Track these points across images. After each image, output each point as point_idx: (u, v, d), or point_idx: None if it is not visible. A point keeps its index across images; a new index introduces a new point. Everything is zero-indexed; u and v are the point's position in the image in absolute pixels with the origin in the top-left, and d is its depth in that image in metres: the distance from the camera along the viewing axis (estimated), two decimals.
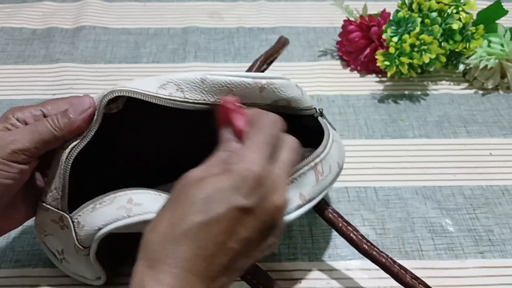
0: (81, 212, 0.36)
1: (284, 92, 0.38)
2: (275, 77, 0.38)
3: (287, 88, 0.38)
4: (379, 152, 0.54)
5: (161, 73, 0.62)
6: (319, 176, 0.38)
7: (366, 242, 0.39)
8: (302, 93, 0.40)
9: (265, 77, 0.37)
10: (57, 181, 0.36)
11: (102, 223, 0.35)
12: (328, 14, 0.73)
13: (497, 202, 0.49)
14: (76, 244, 0.36)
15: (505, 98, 0.60)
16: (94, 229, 0.35)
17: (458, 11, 0.59)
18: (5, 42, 0.67)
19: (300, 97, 0.39)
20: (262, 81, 0.37)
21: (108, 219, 0.35)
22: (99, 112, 0.36)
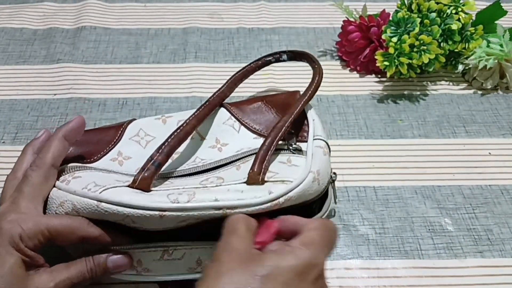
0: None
1: (301, 196, 0.38)
2: (293, 187, 0.37)
3: (304, 192, 0.38)
4: (379, 152, 0.54)
5: (161, 73, 0.63)
6: None
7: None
8: (319, 183, 0.39)
9: (283, 194, 0.37)
10: None
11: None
12: (327, 15, 0.73)
13: (496, 201, 0.49)
14: None
15: (504, 98, 0.60)
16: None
17: (457, 11, 0.59)
18: (6, 43, 0.67)
19: (317, 190, 0.39)
20: (280, 200, 0.37)
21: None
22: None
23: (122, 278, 0.39)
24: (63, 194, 0.37)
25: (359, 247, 0.45)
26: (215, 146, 0.44)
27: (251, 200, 0.36)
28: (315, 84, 0.47)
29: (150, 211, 0.35)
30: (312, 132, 0.44)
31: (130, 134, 0.45)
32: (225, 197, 0.36)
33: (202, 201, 0.36)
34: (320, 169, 0.40)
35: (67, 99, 0.59)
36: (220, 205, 0.36)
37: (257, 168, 0.39)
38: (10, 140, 0.54)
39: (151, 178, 0.38)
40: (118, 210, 0.35)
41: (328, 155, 0.42)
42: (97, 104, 0.58)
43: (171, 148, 0.40)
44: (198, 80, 0.62)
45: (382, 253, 0.45)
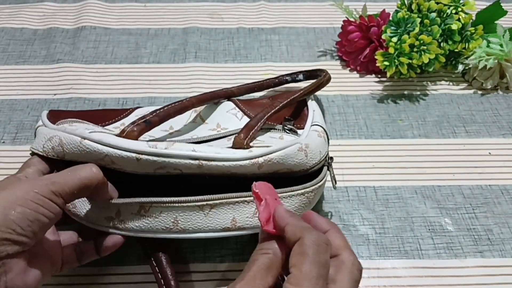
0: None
1: (284, 163, 0.38)
2: (275, 150, 0.37)
3: (287, 158, 0.38)
4: (379, 152, 0.54)
5: (161, 73, 0.63)
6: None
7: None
8: (306, 155, 0.39)
9: (263, 154, 0.37)
10: None
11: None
12: (327, 15, 0.73)
13: (496, 201, 0.49)
14: None
15: (504, 98, 0.60)
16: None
17: (457, 11, 0.59)
18: (6, 43, 0.67)
19: (303, 161, 0.39)
20: (260, 159, 0.37)
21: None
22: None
23: (100, 229, 0.38)
24: (54, 132, 0.39)
25: (359, 247, 0.45)
26: (214, 129, 0.46)
27: (228, 154, 0.36)
28: (319, 80, 0.50)
29: (127, 152, 0.36)
30: (311, 119, 0.45)
31: (138, 113, 0.47)
32: (203, 149, 0.36)
33: (179, 150, 0.36)
34: (310, 144, 0.40)
35: (67, 99, 0.59)
36: (196, 156, 0.36)
37: (244, 133, 0.39)
38: (10, 140, 0.54)
39: (139, 133, 0.39)
40: (98, 148, 0.36)
41: (324, 139, 0.43)
42: (97, 104, 0.58)
43: (165, 113, 0.41)
44: (198, 80, 0.62)
45: (382, 253, 0.45)
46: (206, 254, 0.44)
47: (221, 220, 0.37)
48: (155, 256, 0.39)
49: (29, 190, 0.32)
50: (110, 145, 0.36)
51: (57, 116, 0.44)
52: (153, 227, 0.37)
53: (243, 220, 0.38)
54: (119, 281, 0.42)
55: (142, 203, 0.37)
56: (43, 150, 0.39)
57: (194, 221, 0.37)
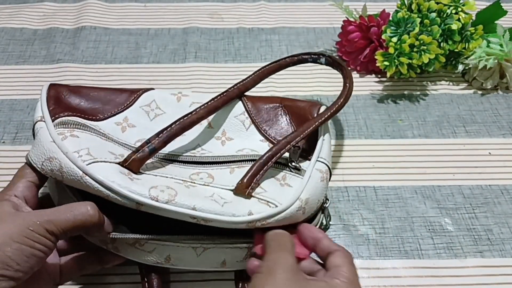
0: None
1: (280, 223, 0.37)
2: (274, 214, 0.36)
3: (284, 220, 0.37)
4: (379, 152, 0.54)
5: (161, 73, 0.63)
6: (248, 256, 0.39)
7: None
8: (304, 212, 0.38)
9: (262, 218, 0.36)
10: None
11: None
12: (327, 15, 0.73)
13: (496, 201, 0.49)
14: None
15: (504, 98, 0.60)
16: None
17: (457, 11, 0.59)
18: (6, 43, 0.67)
19: (298, 218, 0.38)
20: (257, 223, 0.36)
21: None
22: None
23: (93, 241, 0.38)
24: (55, 150, 0.37)
25: (359, 247, 0.45)
26: (219, 138, 0.44)
27: (228, 218, 0.36)
28: (337, 106, 0.44)
29: (127, 200, 0.35)
30: (318, 153, 0.41)
31: (142, 103, 0.45)
32: (204, 207, 0.36)
33: (180, 206, 0.35)
34: (310, 198, 0.38)
35: None
36: (196, 215, 0.35)
37: (247, 180, 0.38)
38: (10, 140, 0.54)
39: (142, 162, 0.38)
40: (98, 189, 0.35)
41: (326, 182, 0.40)
42: None
43: (171, 135, 0.40)
44: (198, 80, 0.62)
45: (382, 253, 0.45)
46: None
47: (212, 261, 0.38)
48: (148, 279, 0.39)
49: (24, 227, 0.32)
50: (111, 189, 0.35)
51: (58, 98, 0.42)
52: (145, 259, 0.38)
53: (232, 262, 0.39)
54: (119, 281, 0.42)
55: (138, 239, 0.37)
56: (41, 168, 0.37)
57: (186, 260, 0.38)
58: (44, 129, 0.39)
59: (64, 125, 0.40)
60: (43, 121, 0.40)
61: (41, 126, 0.39)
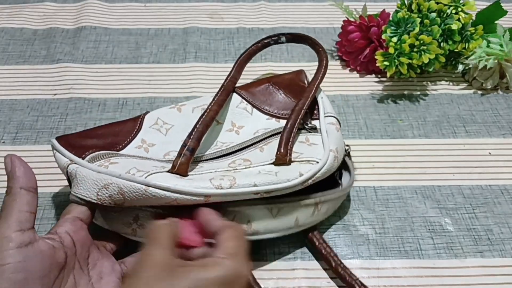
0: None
1: (326, 174, 0.42)
2: (319, 168, 0.41)
3: (328, 171, 0.42)
4: (379, 152, 0.54)
5: (161, 73, 0.63)
6: (316, 211, 0.43)
7: (340, 263, 0.42)
8: (338, 160, 0.43)
9: (312, 176, 0.40)
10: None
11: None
12: (327, 15, 0.73)
13: (496, 201, 0.49)
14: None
15: (504, 98, 0.60)
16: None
17: (457, 11, 0.59)
18: (6, 43, 0.67)
19: (335, 166, 0.43)
20: (309, 181, 0.40)
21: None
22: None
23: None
24: (107, 177, 0.37)
25: (359, 247, 0.45)
26: (232, 130, 0.47)
27: (285, 183, 0.39)
28: (324, 67, 0.50)
29: (196, 197, 0.37)
30: (323, 109, 0.47)
31: (149, 123, 0.46)
32: (262, 181, 0.39)
33: (243, 187, 0.38)
34: (338, 147, 0.44)
35: (67, 99, 0.59)
36: (258, 190, 0.38)
37: (283, 149, 0.42)
38: (10, 140, 0.54)
39: (188, 164, 0.40)
40: (166, 195, 0.36)
41: (340, 131, 0.46)
42: (97, 104, 0.58)
43: (200, 133, 0.42)
44: (198, 80, 0.62)
45: (382, 253, 0.45)
46: None
47: (287, 220, 0.41)
48: None
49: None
50: (178, 192, 0.36)
51: (73, 145, 0.42)
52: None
53: (303, 219, 0.42)
54: None
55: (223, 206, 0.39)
56: (98, 199, 0.37)
57: (264, 222, 0.40)
58: (81, 168, 0.39)
59: (96, 159, 0.40)
60: (74, 163, 0.39)
61: (76, 167, 0.39)
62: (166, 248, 0.32)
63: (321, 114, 0.47)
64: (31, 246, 0.32)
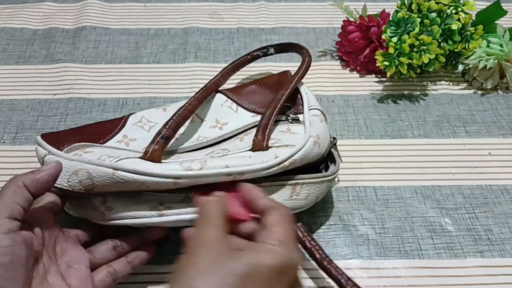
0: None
1: (305, 158, 0.41)
2: (297, 150, 0.40)
3: (307, 154, 0.41)
4: (379, 152, 0.54)
5: (161, 73, 0.63)
6: (294, 195, 0.41)
7: (326, 257, 0.40)
8: (319, 146, 0.42)
9: (288, 157, 0.39)
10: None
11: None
12: (327, 15, 0.73)
13: (496, 201, 0.49)
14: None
15: (504, 98, 0.60)
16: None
17: (457, 11, 0.59)
18: (6, 43, 0.67)
19: (318, 151, 0.42)
20: (286, 163, 0.39)
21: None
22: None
23: (144, 222, 0.39)
24: (77, 164, 0.37)
25: (359, 247, 0.45)
26: (215, 126, 0.46)
27: (259, 165, 0.38)
28: (306, 63, 0.51)
29: (165, 179, 0.36)
30: (307, 103, 0.47)
31: (133, 121, 0.47)
32: (235, 163, 0.38)
33: (214, 168, 0.37)
34: (319, 134, 0.43)
35: (67, 99, 0.59)
36: (231, 171, 0.37)
37: (261, 135, 0.41)
38: (10, 140, 0.54)
39: (161, 150, 0.40)
40: (133, 178, 0.36)
41: (325, 122, 0.45)
42: (97, 104, 0.58)
43: (176, 124, 0.42)
44: (198, 80, 0.62)
45: (382, 253, 0.45)
46: None
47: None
48: None
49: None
50: (146, 174, 0.36)
51: (55, 140, 0.42)
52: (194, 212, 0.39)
53: (280, 201, 0.40)
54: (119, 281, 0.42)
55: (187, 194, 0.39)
56: (69, 185, 0.37)
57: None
58: (56, 157, 0.39)
59: (72, 149, 0.41)
60: (51, 154, 0.40)
61: (51, 157, 0.39)
62: (219, 227, 0.32)
63: (305, 108, 0.46)
64: (18, 233, 0.32)
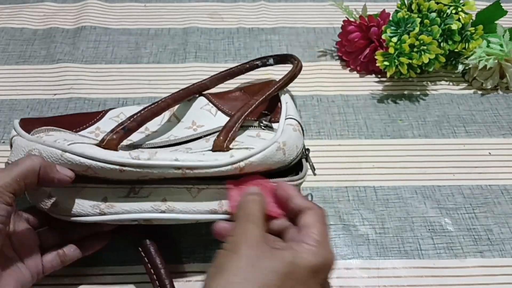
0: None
1: (264, 163, 0.39)
2: (255, 153, 0.38)
3: (267, 159, 0.39)
4: (379, 152, 0.54)
5: (161, 73, 0.63)
6: None
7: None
8: (284, 153, 0.40)
9: (244, 158, 0.38)
10: None
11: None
12: (327, 15, 0.73)
13: (496, 201, 0.49)
14: None
15: (504, 98, 0.60)
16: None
17: (457, 11, 0.59)
18: (6, 43, 0.67)
19: (281, 158, 0.40)
20: (241, 163, 0.38)
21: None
22: None
23: (85, 220, 0.38)
24: (32, 144, 0.38)
25: (359, 247, 0.45)
26: (190, 127, 0.46)
27: (211, 162, 0.37)
28: (290, 73, 0.49)
29: (110, 165, 0.36)
30: (285, 112, 0.45)
31: (111, 115, 0.47)
32: (186, 158, 0.37)
33: (162, 160, 0.36)
34: (287, 141, 0.41)
35: (67, 99, 0.59)
36: (179, 165, 0.36)
37: (223, 136, 0.40)
38: None
39: (119, 141, 0.39)
40: (80, 161, 0.36)
41: (299, 132, 0.43)
42: (97, 104, 0.58)
43: (143, 118, 0.42)
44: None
45: (382, 253, 0.45)
46: (206, 254, 0.44)
47: (208, 203, 0.38)
48: (142, 246, 0.39)
49: None
50: (92, 158, 0.36)
51: (31, 124, 0.42)
52: (141, 207, 0.38)
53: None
54: (119, 281, 0.42)
55: (133, 187, 0.38)
56: None
57: (182, 201, 0.38)
58: (19, 138, 0.40)
59: (38, 132, 0.41)
60: (18, 135, 0.40)
61: (16, 138, 0.40)
62: (260, 225, 0.33)
63: (282, 116, 0.45)
64: (12, 206, 0.34)
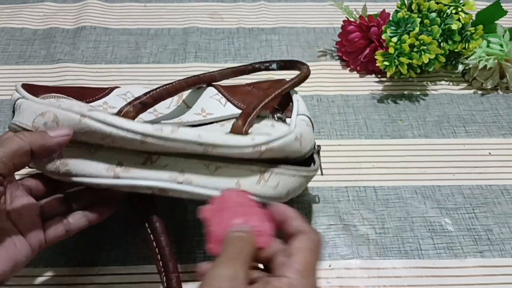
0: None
1: (284, 150, 0.39)
2: (276, 138, 0.38)
3: (286, 146, 0.39)
4: (379, 152, 0.54)
5: (161, 73, 0.63)
6: (262, 181, 0.39)
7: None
8: (301, 144, 0.40)
9: (265, 142, 0.37)
10: None
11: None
12: (327, 15, 0.73)
13: (496, 201, 0.49)
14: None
15: (504, 98, 0.61)
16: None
17: (457, 11, 0.59)
18: (6, 43, 0.67)
19: (298, 148, 0.40)
20: (262, 147, 0.37)
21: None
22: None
23: (98, 182, 0.36)
24: (46, 107, 0.36)
25: (359, 247, 0.45)
26: (200, 114, 0.45)
27: (234, 141, 0.36)
28: (302, 73, 0.49)
29: (133, 134, 0.34)
30: (296, 109, 0.45)
31: (118, 93, 0.46)
32: (209, 135, 0.36)
33: (186, 134, 0.35)
34: (303, 133, 0.41)
35: None
36: (203, 142, 0.35)
37: (242, 120, 0.39)
38: None
39: (136, 113, 0.38)
40: (101, 128, 0.34)
41: (311, 129, 0.44)
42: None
43: (159, 95, 0.41)
44: None
45: (382, 253, 0.45)
46: (206, 254, 0.44)
47: (226, 180, 0.37)
48: (149, 222, 0.38)
49: None
50: (114, 125, 0.34)
51: (35, 90, 0.41)
52: (159, 176, 0.36)
53: (246, 185, 0.38)
54: (119, 281, 0.42)
55: (150, 155, 0.36)
56: (33, 126, 0.36)
57: (199, 175, 0.37)
58: (28, 101, 0.38)
59: (48, 97, 0.40)
60: (24, 98, 0.38)
61: (23, 101, 0.38)
62: (247, 266, 0.30)
63: (294, 113, 0.44)
64: (2, 186, 0.33)
